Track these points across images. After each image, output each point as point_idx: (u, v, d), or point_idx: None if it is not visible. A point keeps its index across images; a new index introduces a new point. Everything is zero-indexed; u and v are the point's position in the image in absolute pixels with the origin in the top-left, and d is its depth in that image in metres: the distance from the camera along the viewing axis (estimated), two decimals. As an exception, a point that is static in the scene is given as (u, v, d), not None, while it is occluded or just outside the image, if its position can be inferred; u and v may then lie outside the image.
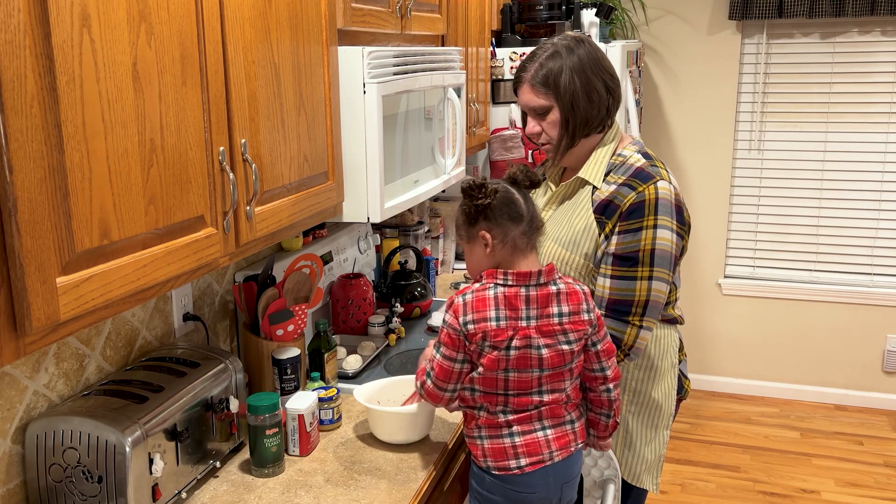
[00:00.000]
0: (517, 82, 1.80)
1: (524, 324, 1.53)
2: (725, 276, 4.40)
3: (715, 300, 4.42)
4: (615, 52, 3.27)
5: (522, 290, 1.54)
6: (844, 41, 3.99)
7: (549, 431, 1.58)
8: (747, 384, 4.45)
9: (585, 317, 1.59)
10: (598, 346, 1.62)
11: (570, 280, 1.61)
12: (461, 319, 1.53)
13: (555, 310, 1.56)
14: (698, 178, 4.31)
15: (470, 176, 1.74)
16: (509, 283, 1.55)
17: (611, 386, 1.66)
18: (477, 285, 1.57)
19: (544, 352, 1.54)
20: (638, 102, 3.72)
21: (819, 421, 4.12)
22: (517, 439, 1.57)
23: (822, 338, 4.28)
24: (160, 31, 1.25)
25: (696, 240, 4.38)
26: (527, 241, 1.58)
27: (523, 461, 1.57)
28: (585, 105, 1.75)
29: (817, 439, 3.93)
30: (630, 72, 3.54)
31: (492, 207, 1.55)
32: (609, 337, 1.66)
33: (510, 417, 1.57)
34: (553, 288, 1.57)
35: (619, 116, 3.40)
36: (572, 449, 1.62)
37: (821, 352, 4.30)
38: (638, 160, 1.78)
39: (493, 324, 1.52)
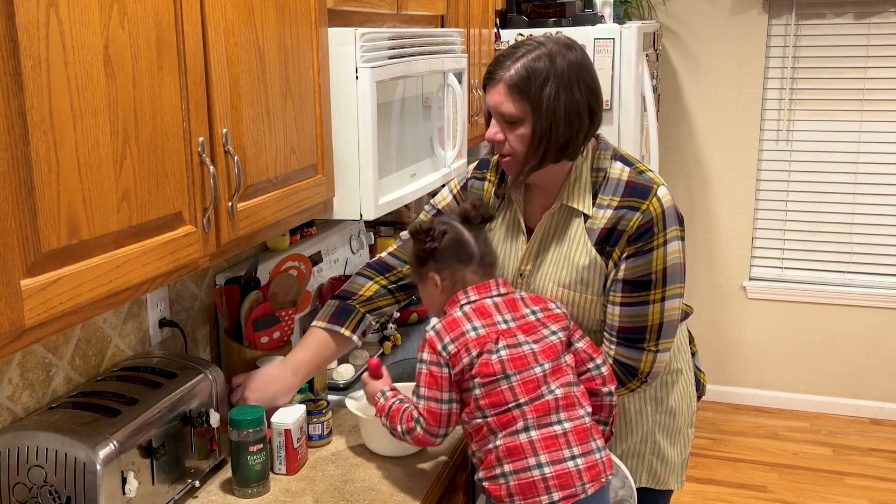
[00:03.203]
0: (489, 78, 1.68)
1: (503, 326, 1.61)
2: (751, 279, 4.40)
3: (739, 304, 4.43)
4: (630, 34, 3.28)
5: (488, 300, 1.65)
6: (881, 21, 3.99)
7: (579, 461, 1.56)
8: (774, 396, 4.45)
9: (557, 311, 1.68)
10: (580, 344, 1.70)
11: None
12: (439, 346, 1.59)
13: (526, 311, 1.66)
14: (721, 171, 4.32)
15: (418, 219, 1.78)
16: (472, 298, 1.65)
17: (612, 388, 1.71)
18: (443, 316, 1.66)
19: (535, 346, 1.60)
20: (655, 89, 3.73)
21: (853, 436, 4.13)
22: (546, 470, 1.54)
23: (856, 345, 4.28)
24: (134, 11, 1.26)
25: (718, 239, 4.39)
26: (478, 279, 1.69)
27: (556, 496, 1.54)
28: (565, 128, 1.64)
29: (851, 456, 3.93)
30: (647, 55, 3.54)
31: (438, 251, 1.66)
32: (586, 336, 1.73)
33: (533, 435, 1.55)
34: (516, 294, 1.69)
35: (635, 105, 3.41)
36: (603, 480, 1.60)
37: (855, 361, 4.30)
38: (622, 171, 1.74)
39: (473, 334, 1.59)
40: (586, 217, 1.75)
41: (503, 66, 1.66)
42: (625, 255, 1.71)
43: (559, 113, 1.64)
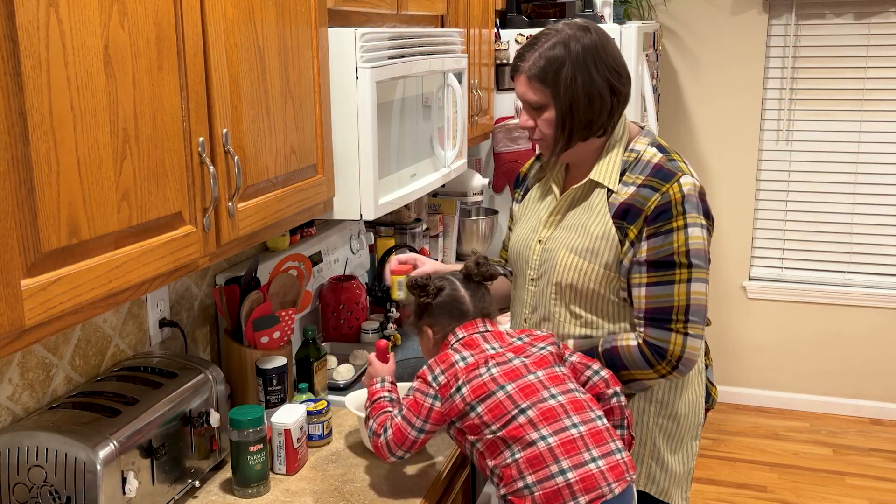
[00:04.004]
0: (514, 71, 1.81)
1: (492, 352, 1.66)
2: (751, 279, 4.40)
3: (739, 304, 4.43)
4: (630, 35, 3.28)
5: (476, 335, 1.70)
6: (881, 21, 3.99)
7: (600, 462, 1.56)
8: (775, 396, 4.45)
9: (543, 333, 1.75)
10: (573, 358, 1.75)
11: None
12: (430, 377, 1.64)
13: (512, 339, 1.71)
14: (721, 171, 4.32)
15: (416, 276, 1.84)
16: (460, 336, 1.71)
17: (617, 389, 1.71)
18: None
19: (527, 360, 1.65)
20: (655, 89, 3.73)
21: (853, 436, 4.13)
22: (570, 475, 1.53)
23: (856, 345, 4.28)
24: (134, 11, 1.26)
25: (718, 239, 4.38)
26: None
27: (582, 500, 1.53)
28: (585, 108, 1.74)
29: (851, 456, 3.93)
30: (647, 55, 3.54)
31: (433, 306, 1.74)
32: (578, 351, 1.78)
33: (551, 442, 1.55)
34: (501, 327, 1.75)
35: (634, 105, 3.41)
36: (628, 479, 1.59)
37: (855, 361, 4.30)
38: (654, 155, 1.79)
39: (462, 364, 1.63)
40: (610, 192, 1.80)
41: (524, 58, 1.79)
42: (644, 234, 1.74)
43: (578, 94, 1.74)
